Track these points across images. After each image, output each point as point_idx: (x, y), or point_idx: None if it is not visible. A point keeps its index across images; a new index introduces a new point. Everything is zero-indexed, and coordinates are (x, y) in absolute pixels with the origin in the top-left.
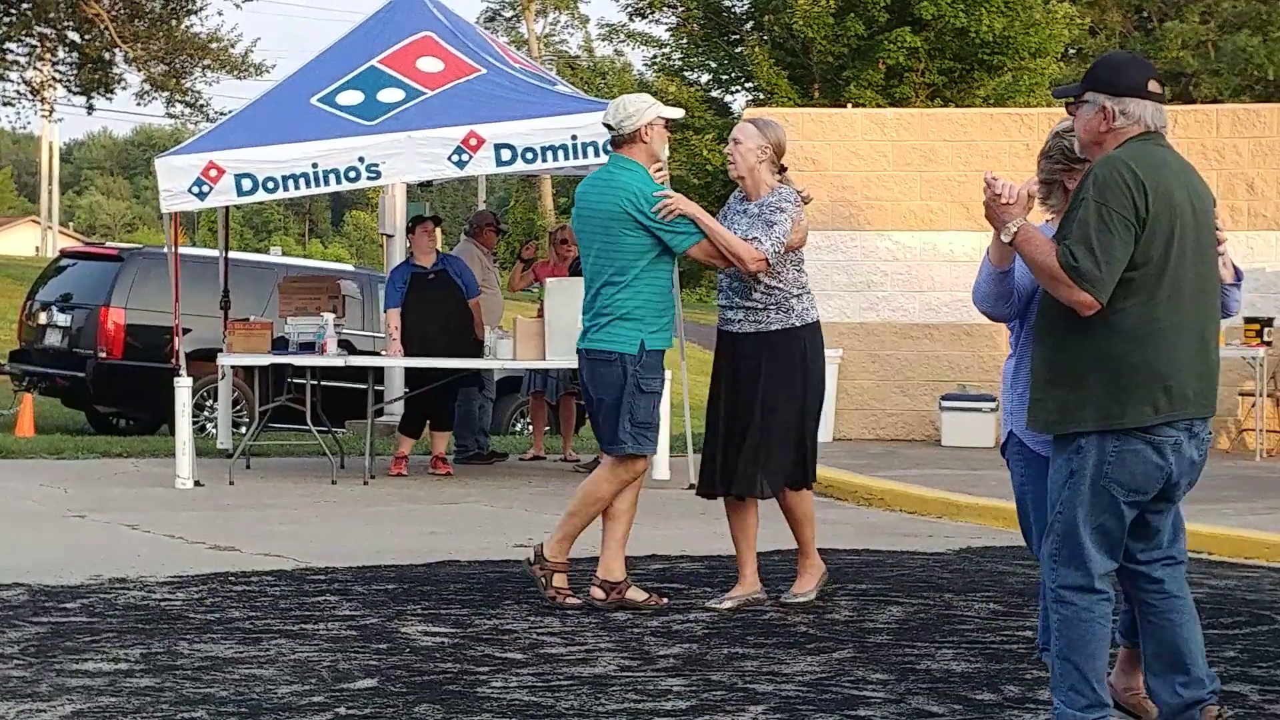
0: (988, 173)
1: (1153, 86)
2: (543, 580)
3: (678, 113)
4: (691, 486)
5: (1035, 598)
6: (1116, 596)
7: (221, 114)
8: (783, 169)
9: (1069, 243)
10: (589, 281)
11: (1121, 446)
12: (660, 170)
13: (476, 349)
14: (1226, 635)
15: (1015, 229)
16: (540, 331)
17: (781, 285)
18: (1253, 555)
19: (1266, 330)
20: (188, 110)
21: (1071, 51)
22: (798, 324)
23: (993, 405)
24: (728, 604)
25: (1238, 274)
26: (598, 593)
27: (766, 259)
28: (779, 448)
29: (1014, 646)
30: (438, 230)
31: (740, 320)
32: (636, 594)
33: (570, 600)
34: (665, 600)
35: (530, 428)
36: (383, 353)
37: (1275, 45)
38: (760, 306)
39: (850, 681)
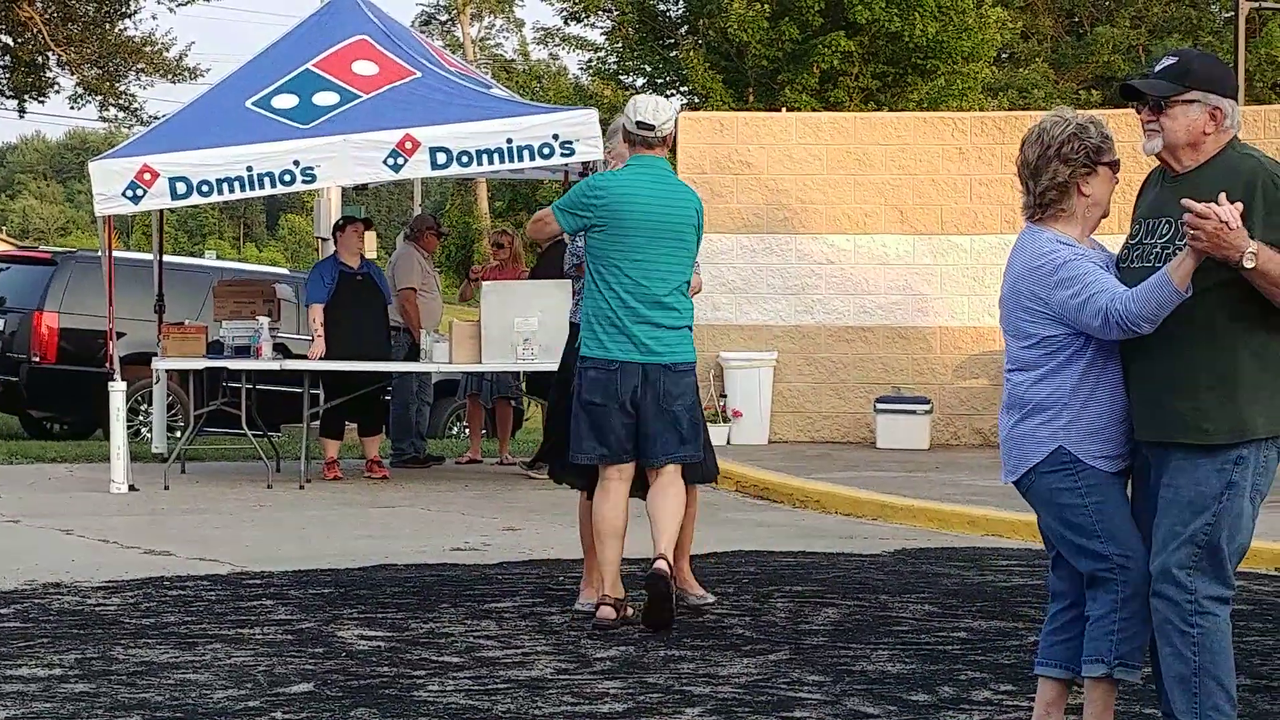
0: (1188, 201)
1: None
2: (680, 594)
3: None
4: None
5: (970, 599)
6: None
7: (156, 118)
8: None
9: None
10: (646, 288)
11: (1269, 455)
12: None
13: (388, 353)
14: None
15: (1254, 250)
16: (476, 335)
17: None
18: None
19: None
20: (122, 114)
21: (1004, 56)
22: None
23: (927, 407)
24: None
25: None
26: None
27: None
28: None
29: (949, 647)
30: (370, 233)
31: None
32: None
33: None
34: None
35: (467, 431)
36: (307, 352)
37: (1205, 50)
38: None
39: (786, 683)
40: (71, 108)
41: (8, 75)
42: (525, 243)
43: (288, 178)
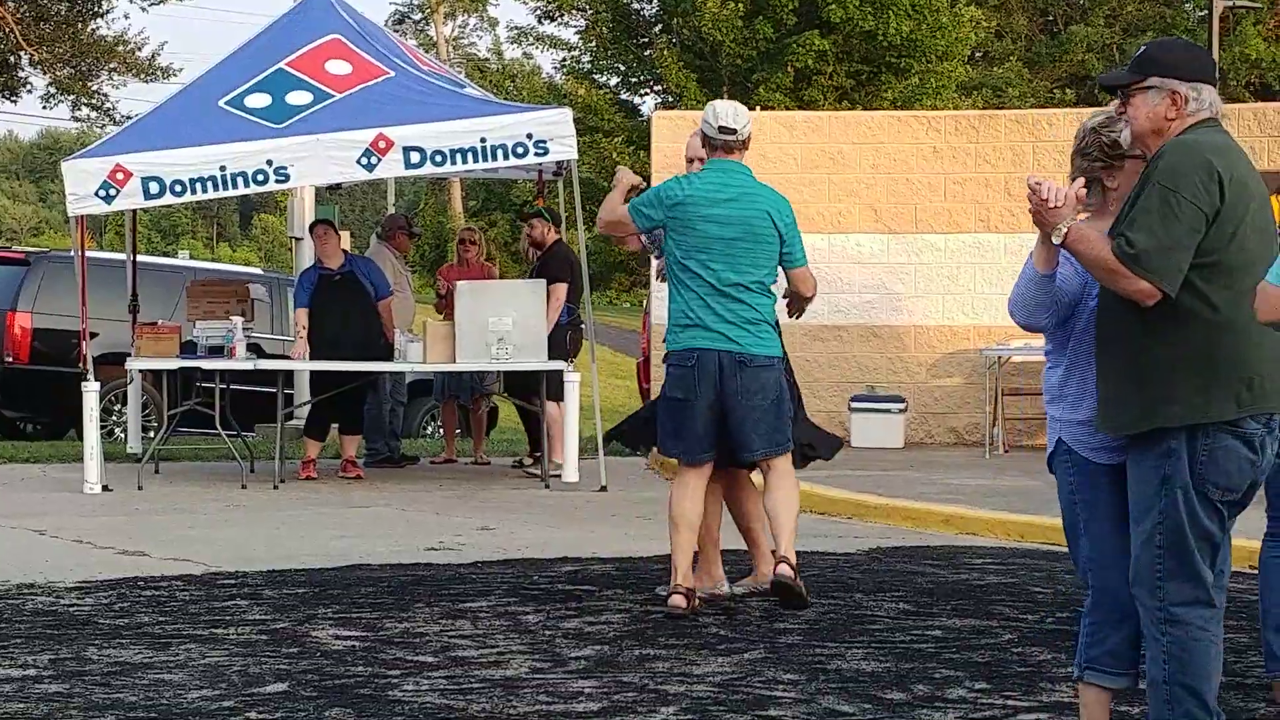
0: (1030, 177)
1: (1215, 73)
2: (799, 583)
3: None
4: (603, 488)
5: (944, 597)
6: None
7: (128, 117)
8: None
9: (1126, 231)
10: (723, 288)
11: (1211, 443)
12: None
13: (381, 351)
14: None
15: (1065, 229)
16: (450, 334)
17: None
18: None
19: None
20: (94, 113)
21: (978, 55)
22: None
23: (901, 406)
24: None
25: None
26: (680, 600)
27: None
28: None
29: (923, 646)
30: (335, 233)
31: None
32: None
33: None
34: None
35: (441, 431)
36: (287, 352)
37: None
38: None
39: (761, 682)
40: (44, 107)
41: None
42: (532, 242)
43: (261, 177)
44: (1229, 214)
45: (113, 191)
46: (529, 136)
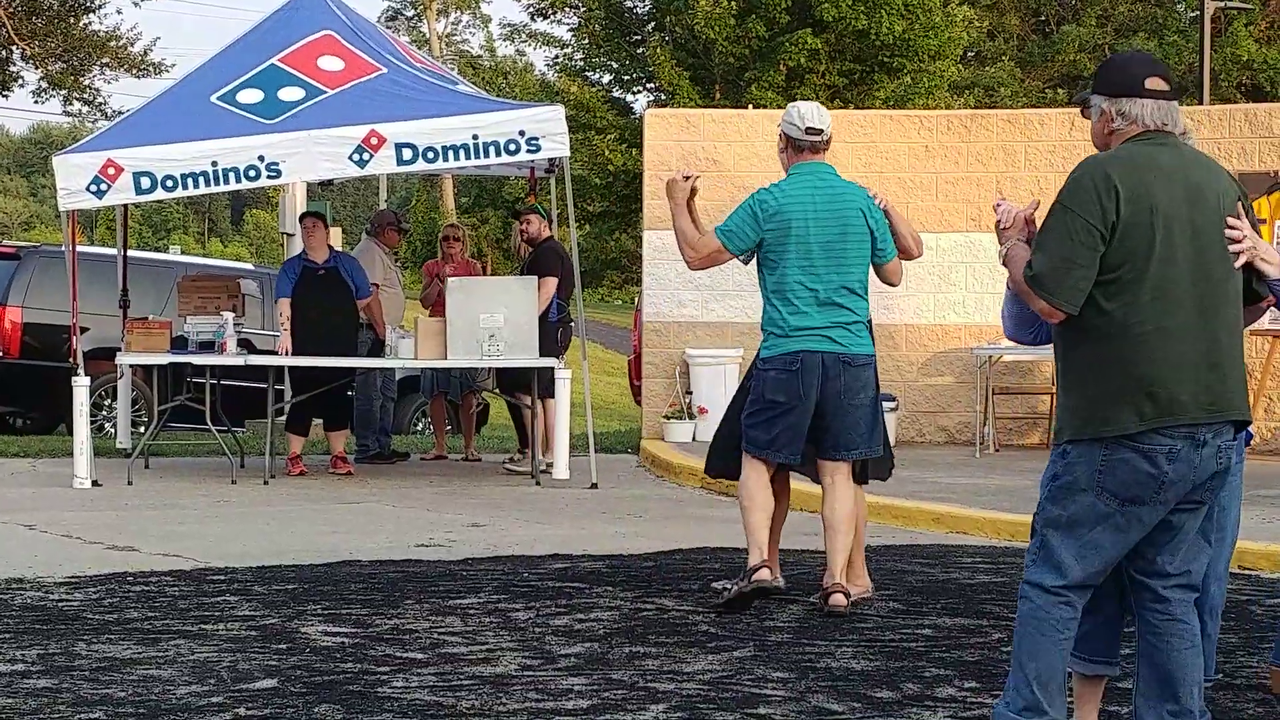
0: (995, 195)
1: (1151, 84)
2: (847, 600)
3: None
4: (594, 485)
5: (935, 596)
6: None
7: (120, 112)
8: None
9: (1032, 252)
10: (819, 291)
11: (1111, 455)
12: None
13: (355, 348)
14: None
15: (1005, 249)
16: (441, 330)
17: None
18: None
19: None
20: (86, 108)
21: (970, 54)
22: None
23: (893, 405)
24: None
25: None
26: (767, 574)
27: None
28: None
29: (914, 644)
30: (324, 227)
31: None
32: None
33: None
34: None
35: (431, 427)
36: (274, 346)
37: (1170, 49)
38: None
39: (751, 680)
40: (35, 102)
41: None
42: (527, 238)
43: (253, 173)
44: (1129, 229)
45: (104, 186)
46: (521, 134)
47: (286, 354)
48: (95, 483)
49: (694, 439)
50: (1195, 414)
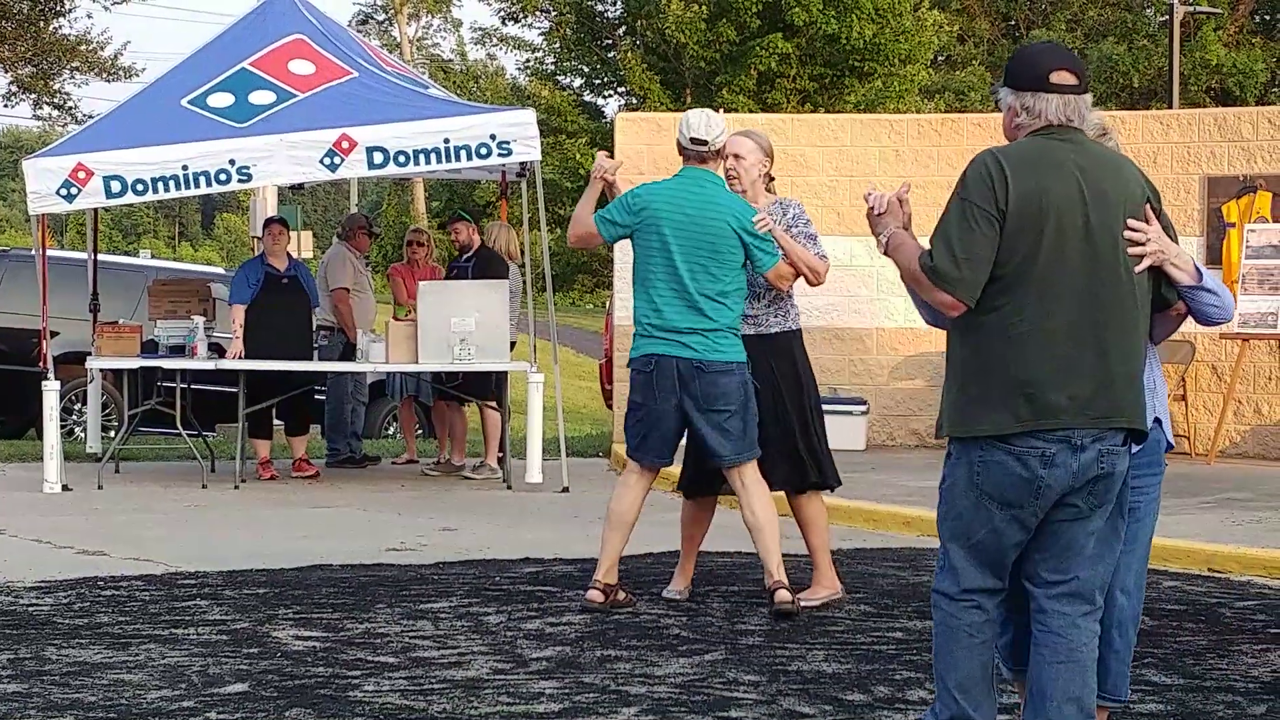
0: (867, 189)
1: (1057, 78)
2: (799, 605)
3: None
4: (565, 489)
5: (905, 599)
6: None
7: (90, 116)
8: (770, 177)
9: (931, 243)
10: (682, 295)
11: (986, 456)
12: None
13: (310, 356)
14: None
15: (886, 237)
16: (412, 334)
17: (784, 292)
18: None
19: None
20: (56, 112)
21: (940, 59)
22: (792, 327)
23: (864, 408)
24: (676, 595)
25: (1200, 275)
26: (597, 595)
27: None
28: (796, 444)
29: (884, 647)
30: (289, 233)
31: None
32: (621, 593)
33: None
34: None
35: (402, 432)
36: (228, 350)
37: (1140, 53)
38: (759, 313)
39: (722, 683)
40: (5, 105)
41: None
42: (461, 245)
43: (223, 177)
44: (1017, 225)
45: (74, 190)
46: (492, 137)
47: (238, 359)
48: (65, 487)
49: None
50: (1074, 419)
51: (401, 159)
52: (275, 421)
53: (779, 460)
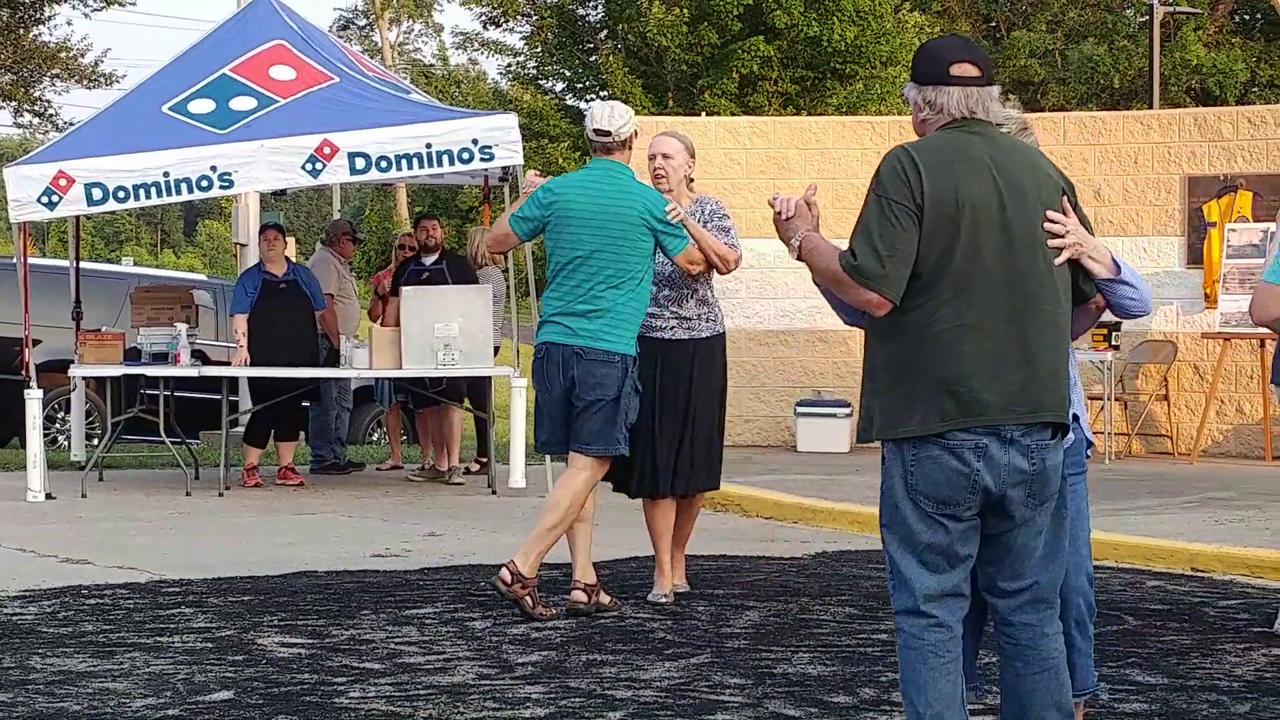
0: (772, 194)
1: (958, 70)
2: (528, 600)
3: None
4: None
5: (888, 601)
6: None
7: (71, 124)
8: (690, 179)
9: (851, 242)
10: (579, 281)
11: (919, 454)
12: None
13: (318, 359)
14: None
15: (798, 241)
16: (396, 340)
17: (712, 295)
18: (1102, 556)
19: (1114, 335)
20: (36, 120)
21: None
22: (721, 330)
23: (848, 410)
24: (664, 599)
25: (1118, 268)
26: (580, 596)
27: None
28: (714, 448)
29: (869, 650)
30: (285, 239)
31: (674, 327)
32: (605, 596)
33: (547, 611)
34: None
35: (387, 438)
36: (230, 360)
37: (1120, 54)
38: (693, 316)
39: (708, 686)
40: None
41: None
42: (434, 245)
43: (205, 183)
44: (932, 221)
45: (55, 198)
46: (474, 142)
47: (245, 367)
48: (49, 495)
49: None
50: (1000, 414)
51: (384, 164)
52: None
53: (699, 464)
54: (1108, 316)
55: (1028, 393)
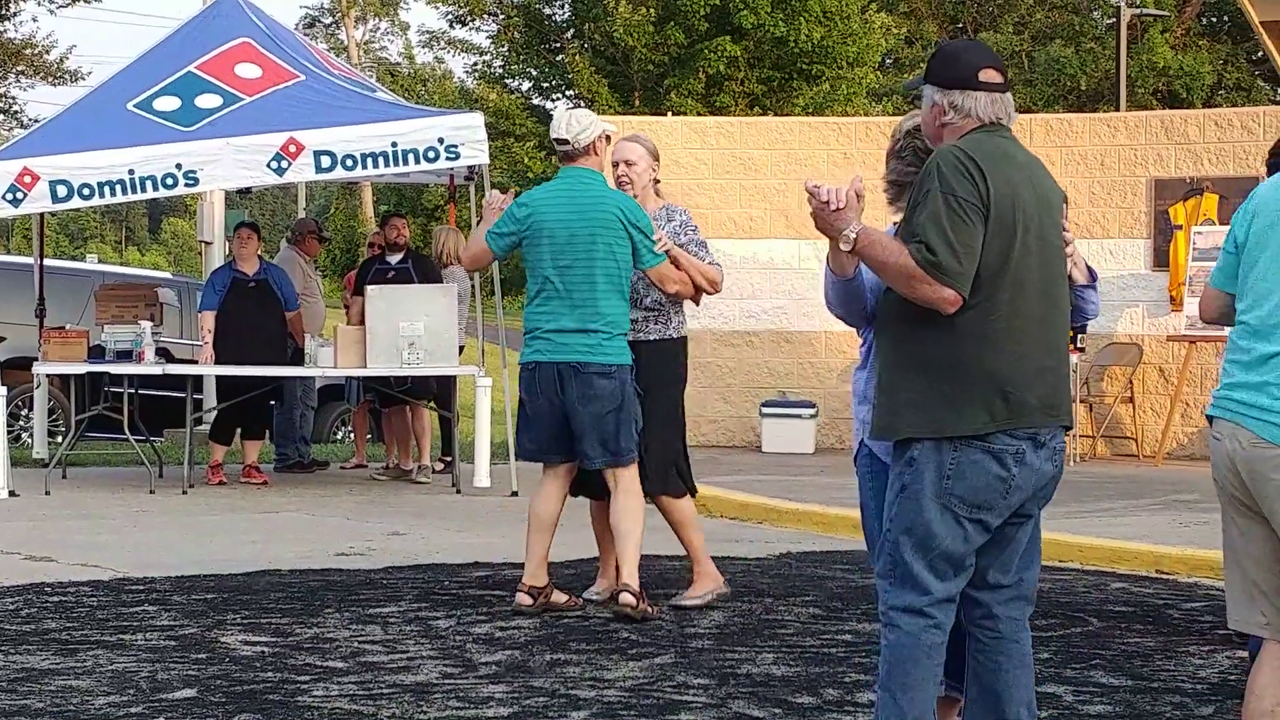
0: (808, 181)
1: (985, 76)
2: (648, 609)
3: (613, 126)
4: (514, 493)
5: (854, 602)
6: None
7: (36, 120)
8: (656, 180)
9: (923, 238)
10: (564, 293)
11: (960, 457)
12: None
13: (286, 359)
14: (1041, 637)
15: (855, 234)
16: (361, 339)
17: (665, 300)
18: (1067, 558)
19: (1080, 337)
20: (1, 116)
21: (888, 61)
22: (674, 335)
23: (813, 412)
24: (596, 596)
25: (1092, 275)
26: (525, 599)
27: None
28: (668, 451)
29: (833, 650)
30: (259, 238)
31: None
32: (560, 595)
33: (655, 609)
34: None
35: (352, 436)
36: (195, 357)
37: (1087, 56)
38: (638, 318)
39: (672, 686)
40: None
41: None
42: (402, 243)
43: (170, 181)
44: (995, 221)
45: (20, 195)
46: (440, 141)
47: (209, 364)
48: (12, 493)
49: None
50: (1038, 417)
51: (349, 162)
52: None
53: (652, 469)
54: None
55: (1055, 395)
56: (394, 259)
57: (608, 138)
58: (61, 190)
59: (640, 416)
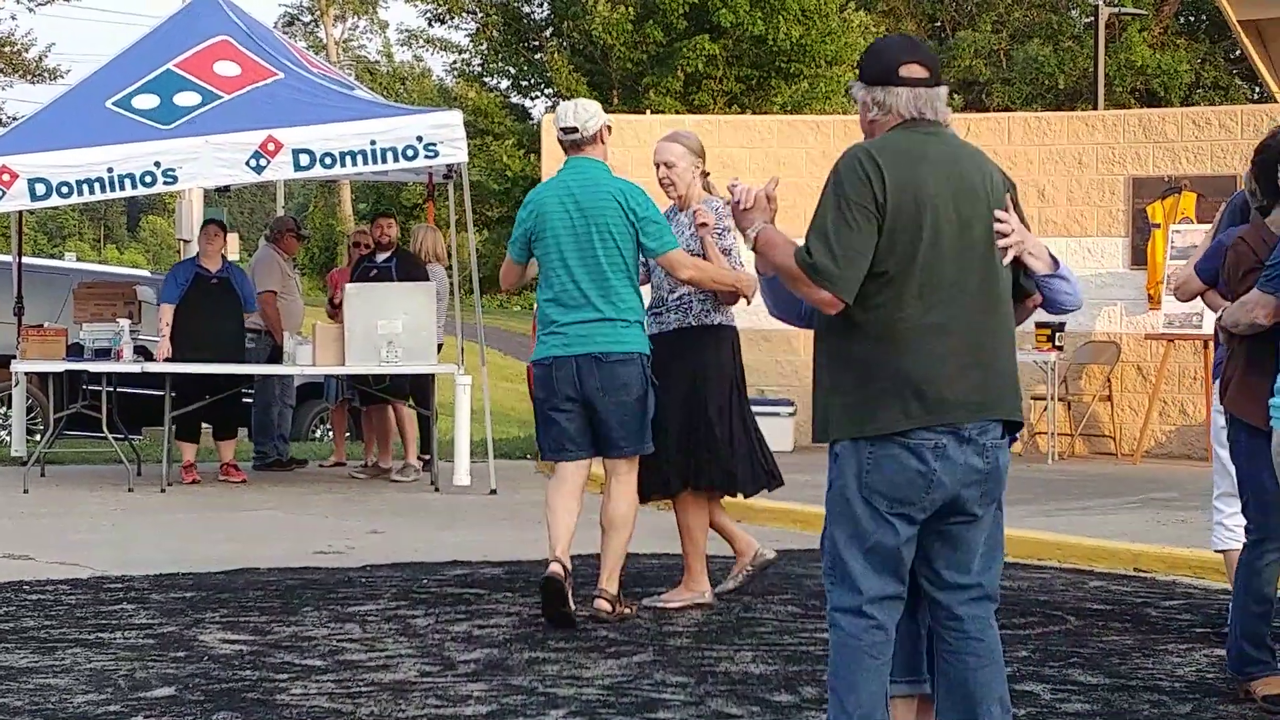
0: (731, 180)
1: (907, 71)
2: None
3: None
4: (493, 492)
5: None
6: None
7: (15, 118)
8: (705, 174)
9: (806, 240)
10: (576, 284)
11: (877, 452)
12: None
13: (242, 357)
14: (1019, 635)
15: (755, 233)
16: (340, 337)
17: (688, 291)
18: (1045, 556)
19: (1058, 335)
20: None
21: None
22: (694, 324)
23: (791, 409)
24: (675, 604)
25: (1056, 264)
26: (604, 604)
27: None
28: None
29: (811, 648)
30: (225, 235)
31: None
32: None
33: (633, 609)
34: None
35: (331, 434)
36: (154, 351)
37: (1065, 55)
38: (660, 310)
39: (650, 684)
40: None
41: None
42: (388, 242)
43: (149, 179)
44: (896, 221)
45: None
46: (419, 139)
47: (165, 359)
48: None
49: None
50: (961, 413)
51: (328, 161)
52: (204, 425)
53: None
54: (1049, 316)
55: (985, 390)
56: (381, 257)
57: (609, 128)
58: (40, 188)
59: (653, 408)
